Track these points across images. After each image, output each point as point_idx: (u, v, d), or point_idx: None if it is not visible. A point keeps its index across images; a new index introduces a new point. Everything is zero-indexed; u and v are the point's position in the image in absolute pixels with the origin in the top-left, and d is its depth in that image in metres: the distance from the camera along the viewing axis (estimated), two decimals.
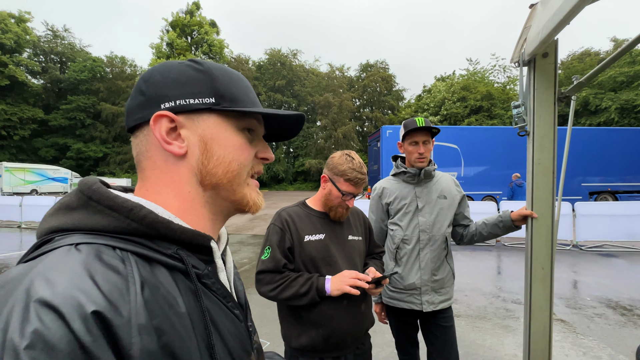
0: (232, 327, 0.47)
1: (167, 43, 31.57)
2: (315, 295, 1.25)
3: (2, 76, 29.80)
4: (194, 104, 0.46)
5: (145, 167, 0.48)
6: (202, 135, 0.47)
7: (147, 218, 0.41)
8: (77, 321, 0.29)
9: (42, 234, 0.40)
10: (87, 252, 0.35)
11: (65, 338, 0.28)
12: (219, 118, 0.49)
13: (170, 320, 0.37)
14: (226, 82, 0.49)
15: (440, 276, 1.75)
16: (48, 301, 0.29)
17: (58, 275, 0.31)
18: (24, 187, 23.22)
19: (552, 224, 1.44)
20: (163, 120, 0.45)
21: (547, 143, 1.41)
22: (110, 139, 37.26)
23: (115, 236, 0.39)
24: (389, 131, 12.76)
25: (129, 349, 0.31)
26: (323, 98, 37.91)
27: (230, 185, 0.49)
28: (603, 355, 2.84)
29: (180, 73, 0.47)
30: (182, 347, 0.37)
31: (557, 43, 1.37)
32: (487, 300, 4.17)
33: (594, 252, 6.77)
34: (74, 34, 44.95)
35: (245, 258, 6.19)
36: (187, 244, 0.44)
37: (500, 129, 13.80)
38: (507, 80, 31.94)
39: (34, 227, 10.15)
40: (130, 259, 0.38)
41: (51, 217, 0.41)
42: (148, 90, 0.47)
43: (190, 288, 0.42)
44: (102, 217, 0.40)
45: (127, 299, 0.34)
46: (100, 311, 0.31)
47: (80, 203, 0.41)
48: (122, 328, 0.32)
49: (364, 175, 1.36)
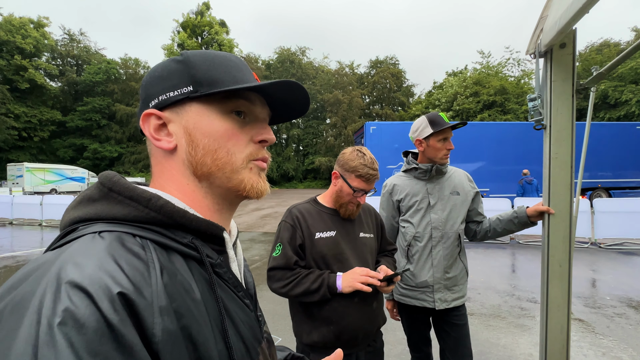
0: (244, 316, 0.48)
1: (178, 44, 32.03)
2: (326, 291, 1.25)
3: (23, 80, 30.86)
4: (173, 97, 0.47)
5: (152, 164, 0.51)
6: (185, 126, 0.47)
7: (165, 207, 0.42)
8: (105, 301, 0.31)
9: (65, 225, 0.42)
10: (111, 239, 0.37)
11: (93, 316, 0.30)
12: (200, 105, 0.47)
13: (187, 305, 0.38)
14: (205, 67, 0.47)
15: (453, 274, 1.72)
16: (77, 283, 0.31)
17: (85, 259, 0.33)
18: (44, 186, 24.02)
19: (570, 220, 1.40)
20: (151, 118, 0.47)
21: (565, 137, 1.37)
22: (124, 139, 38.16)
23: (135, 225, 0.41)
24: (372, 127, 12.52)
25: (152, 328, 0.33)
26: (332, 95, 37.79)
27: (223, 173, 0.48)
28: (624, 356, 2.75)
29: (163, 69, 0.49)
30: (198, 330, 0.38)
31: (576, 33, 1.32)
32: (501, 298, 4.09)
33: (614, 250, 6.55)
34: (89, 37, 46.15)
35: (257, 255, 6.25)
36: (202, 234, 0.45)
37: (479, 125, 13.64)
38: (521, 74, 31.08)
39: (54, 224, 10.52)
40: (150, 246, 0.39)
41: (74, 210, 0.43)
42: (142, 93, 0.50)
43: (204, 276, 0.44)
44: (122, 207, 0.41)
45: (149, 282, 0.35)
46: (125, 292, 0.32)
47: (101, 195, 0.43)
48: (145, 309, 0.33)
49: (376, 171, 1.35)
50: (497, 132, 12.93)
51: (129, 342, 0.31)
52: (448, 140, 1.73)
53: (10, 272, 5.28)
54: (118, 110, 36.52)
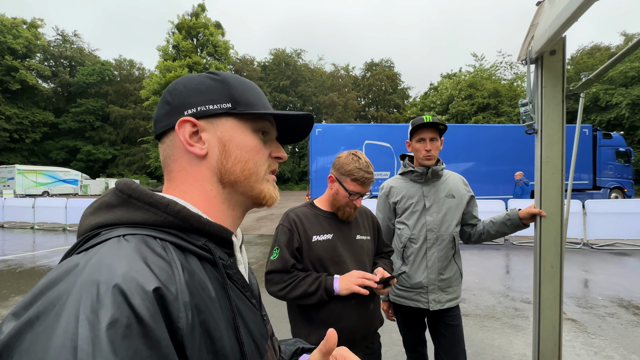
0: (251, 315, 0.51)
1: (173, 45, 31.86)
2: (323, 294, 1.27)
3: (14, 80, 30.46)
4: (213, 109, 0.52)
5: (173, 169, 0.53)
6: (220, 137, 0.52)
7: (181, 212, 0.45)
8: (137, 298, 0.33)
9: (86, 230, 0.45)
10: (136, 241, 0.40)
11: (126, 312, 0.32)
12: (235, 121, 0.54)
13: (205, 302, 0.42)
14: (241, 89, 0.54)
15: (447, 275, 1.75)
16: (112, 282, 0.33)
17: (116, 260, 0.36)
18: (36, 189, 23.70)
19: (562, 222, 1.43)
20: (186, 125, 0.50)
21: (556, 141, 1.41)
22: (118, 141, 37.82)
23: (154, 228, 0.44)
24: (318, 129, 12.08)
25: (178, 322, 0.37)
26: (328, 97, 37.91)
27: (248, 182, 0.54)
28: (615, 355, 2.80)
29: (200, 83, 0.53)
30: (215, 325, 0.42)
31: (565, 40, 1.36)
32: (495, 299, 4.13)
33: (605, 251, 6.66)
34: (82, 39, 45.71)
35: (253, 258, 6.24)
36: (213, 237, 0.49)
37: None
38: (514, 77, 31.50)
39: (47, 228, 10.37)
40: (169, 247, 0.43)
41: (93, 216, 0.46)
42: (173, 100, 0.52)
43: (217, 277, 0.47)
44: (142, 213, 0.45)
45: (174, 280, 0.38)
46: (156, 289, 0.36)
47: (120, 201, 0.46)
48: (172, 304, 0.37)
49: (371, 175, 1.37)
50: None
51: (157, 336, 0.33)
52: (426, 141, 1.73)
53: (1, 276, 5.19)
54: (112, 111, 36.21)
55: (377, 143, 12.38)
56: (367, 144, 12.24)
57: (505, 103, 28.25)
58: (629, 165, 13.53)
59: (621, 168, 13.44)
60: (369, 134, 12.51)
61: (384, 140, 12.49)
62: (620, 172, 13.44)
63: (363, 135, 12.41)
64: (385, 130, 13.17)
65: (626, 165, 13.49)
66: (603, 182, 13.17)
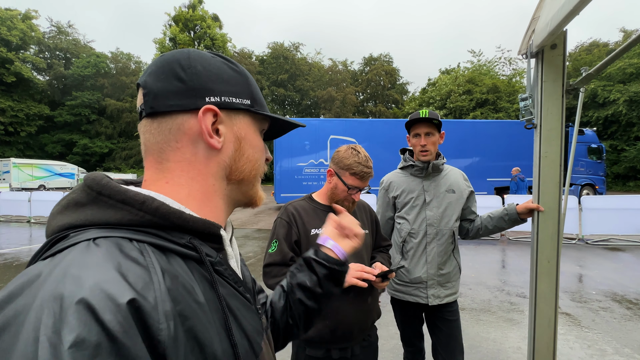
0: (245, 311, 0.49)
1: (170, 38, 31.45)
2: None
3: (9, 73, 30.00)
4: (235, 103, 0.49)
5: (170, 158, 0.47)
6: (237, 133, 0.51)
7: (160, 209, 0.41)
8: (108, 313, 0.29)
9: (53, 232, 0.40)
10: (107, 246, 0.36)
11: (95, 331, 0.28)
12: (250, 119, 0.53)
13: (191, 307, 0.38)
14: (255, 86, 0.54)
15: (446, 270, 1.76)
16: (78, 297, 0.29)
17: (83, 271, 0.32)
18: (32, 182, 23.51)
19: (559, 217, 1.44)
20: (209, 113, 0.47)
21: (555, 136, 1.40)
22: (115, 134, 37.46)
23: (129, 229, 0.40)
24: None
25: (158, 334, 0.33)
26: (326, 92, 37.70)
27: (252, 182, 0.54)
28: (608, 348, 2.85)
29: (221, 70, 0.49)
30: (203, 331, 0.38)
31: (566, 34, 1.35)
32: (491, 293, 4.18)
33: (600, 246, 6.72)
34: (77, 30, 45.02)
35: (251, 252, 6.25)
36: (199, 233, 0.45)
37: (393, 122, 13.56)
38: (512, 73, 31.45)
39: (43, 222, 10.32)
40: (148, 249, 0.38)
41: (61, 215, 0.41)
42: (190, 79, 0.46)
43: (205, 275, 0.43)
44: (115, 212, 0.40)
45: (152, 288, 0.34)
46: (130, 302, 0.31)
47: (89, 199, 0.41)
48: (151, 315, 0.33)
49: (370, 169, 1.37)
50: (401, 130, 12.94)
51: (132, 354, 0.30)
52: (421, 136, 1.72)
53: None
54: (108, 105, 35.79)
55: (343, 138, 12.47)
56: (332, 139, 12.36)
57: (504, 99, 28.24)
58: (601, 162, 13.42)
59: (593, 165, 13.32)
60: (334, 129, 12.59)
61: (349, 135, 12.58)
62: (592, 168, 13.33)
63: (328, 130, 12.48)
64: (350, 124, 13.35)
65: (598, 162, 13.38)
66: (574, 179, 12.97)
